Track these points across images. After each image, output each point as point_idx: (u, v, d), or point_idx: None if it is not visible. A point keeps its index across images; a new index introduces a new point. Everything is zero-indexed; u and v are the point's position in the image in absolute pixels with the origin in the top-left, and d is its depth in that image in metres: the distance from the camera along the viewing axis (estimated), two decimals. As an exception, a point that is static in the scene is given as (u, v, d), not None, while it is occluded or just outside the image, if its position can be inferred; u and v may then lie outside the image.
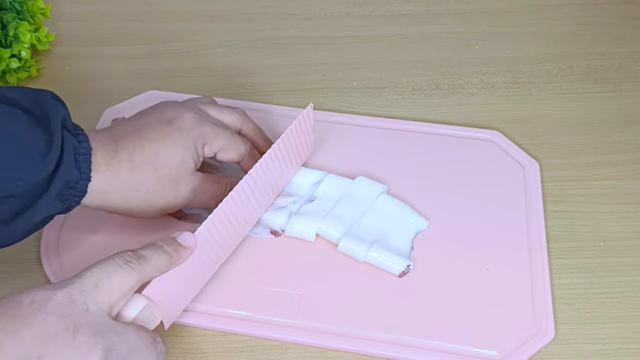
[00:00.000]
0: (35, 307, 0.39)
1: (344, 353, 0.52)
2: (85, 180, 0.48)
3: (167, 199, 0.53)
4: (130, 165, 0.50)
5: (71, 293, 0.41)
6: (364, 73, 0.75)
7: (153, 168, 0.51)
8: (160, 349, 0.43)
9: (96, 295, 0.41)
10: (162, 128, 0.53)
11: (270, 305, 0.54)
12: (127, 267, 0.43)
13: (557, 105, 0.72)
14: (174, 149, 0.52)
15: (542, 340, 0.52)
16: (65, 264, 0.56)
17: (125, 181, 0.50)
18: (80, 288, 0.41)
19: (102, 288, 0.42)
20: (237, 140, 0.56)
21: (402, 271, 0.55)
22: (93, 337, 0.39)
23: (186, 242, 0.47)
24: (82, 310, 0.40)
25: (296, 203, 0.59)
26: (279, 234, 0.58)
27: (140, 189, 0.51)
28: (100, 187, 0.49)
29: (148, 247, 0.46)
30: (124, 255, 0.44)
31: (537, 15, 0.83)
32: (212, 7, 0.84)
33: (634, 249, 0.59)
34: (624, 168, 0.65)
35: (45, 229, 0.58)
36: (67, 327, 0.39)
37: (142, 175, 0.51)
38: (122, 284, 0.43)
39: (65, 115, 0.49)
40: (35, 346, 0.38)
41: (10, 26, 0.71)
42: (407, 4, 0.84)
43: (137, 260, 0.44)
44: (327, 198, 0.59)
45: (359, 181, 0.61)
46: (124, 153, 0.51)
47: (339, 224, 0.57)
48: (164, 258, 0.46)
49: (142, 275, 0.44)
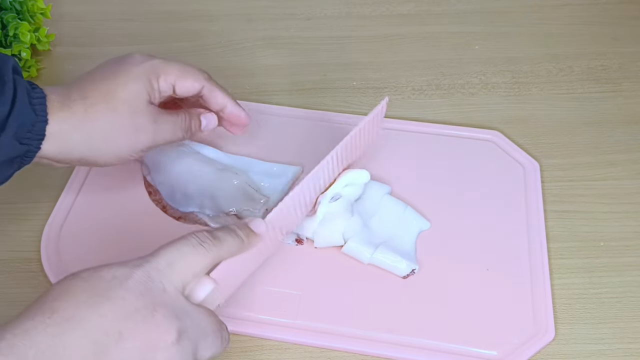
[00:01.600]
0: (116, 283, 0.39)
1: (344, 353, 0.52)
2: (42, 122, 0.48)
3: (127, 133, 0.51)
4: (84, 103, 0.50)
5: (149, 272, 0.41)
6: (364, 73, 0.75)
7: (106, 102, 0.51)
8: (225, 336, 0.44)
9: (171, 275, 0.42)
10: (112, 67, 0.53)
11: (271, 305, 0.54)
12: (201, 248, 0.43)
13: (557, 105, 0.72)
14: (125, 82, 0.52)
15: (542, 340, 0.52)
16: (66, 264, 0.56)
17: (81, 120, 0.50)
18: (156, 267, 0.41)
19: (176, 268, 0.42)
20: (192, 67, 0.55)
21: (407, 273, 0.55)
22: (170, 317, 0.40)
23: (258, 228, 0.48)
24: (160, 290, 0.41)
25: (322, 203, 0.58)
26: (303, 242, 0.57)
27: (98, 127, 0.50)
28: (57, 128, 0.49)
29: (222, 230, 0.46)
30: (200, 236, 0.44)
31: (537, 15, 0.83)
32: (212, 7, 0.84)
33: (634, 249, 0.59)
34: (624, 168, 0.65)
35: (46, 229, 0.58)
36: (146, 305, 0.39)
37: (97, 111, 0.50)
38: (196, 264, 0.43)
39: (15, 64, 0.49)
40: (116, 321, 0.38)
41: (11, 26, 0.71)
42: (407, 4, 0.84)
43: (212, 241, 0.44)
44: (350, 198, 0.58)
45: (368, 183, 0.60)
46: (77, 94, 0.50)
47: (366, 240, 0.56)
48: (237, 242, 0.46)
49: (214, 256, 0.44)
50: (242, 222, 0.48)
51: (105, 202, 0.61)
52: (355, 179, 0.58)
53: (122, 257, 0.56)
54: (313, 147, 0.65)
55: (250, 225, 0.48)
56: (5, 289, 0.55)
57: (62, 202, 0.61)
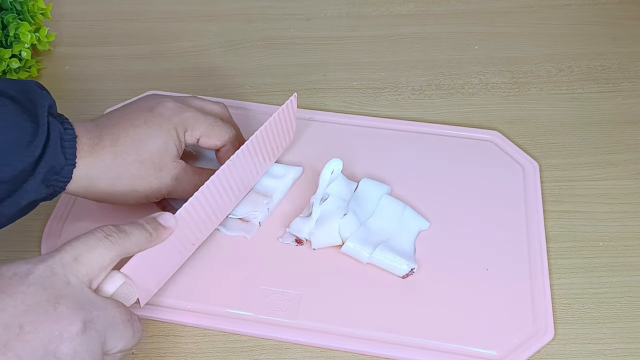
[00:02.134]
0: (16, 280, 0.40)
1: (344, 353, 0.52)
2: (70, 165, 0.49)
3: (150, 184, 0.53)
4: (114, 151, 0.51)
5: (52, 266, 0.41)
6: (363, 73, 0.75)
7: (136, 153, 0.52)
8: (137, 327, 0.44)
9: (77, 269, 0.42)
10: (143, 115, 0.53)
11: (270, 305, 0.54)
12: (106, 240, 0.44)
13: (556, 105, 0.72)
14: (156, 134, 0.53)
15: (541, 340, 0.52)
16: (66, 264, 0.56)
17: (109, 166, 0.51)
18: (60, 261, 0.42)
19: (82, 262, 0.42)
20: (219, 126, 0.56)
21: (406, 273, 0.55)
22: (74, 309, 0.40)
23: (167, 222, 0.49)
24: (63, 282, 0.41)
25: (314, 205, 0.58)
26: (303, 242, 0.58)
27: (124, 175, 0.52)
28: (84, 172, 0.50)
29: (129, 224, 0.46)
30: (105, 229, 0.45)
31: (537, 16, 0.83)
32: (212, 7, 0.84)
33: (634, 249, 0.59)
34: (624, 168, 0.66)
35: (46, 229, 0.58)
36: (48, 298, 0.40)
37: (125, 160, 0.52)
38: (102, 257, 0.43)
39: (51, 103, 0.50)
40: (16, 316, 0.38)
41: (11, 26, 0.71)
42: (407, 4, 0.84)
43: (118, 234, 0.45)
44: (340, 196, 0.59)
45: (365, 182, 0.61)
46: (108, 139, 0.51)
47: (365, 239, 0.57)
48: (144, 235, 0.46)
49: (121, 249, 0.45)
50: (151, 217, 0.48)
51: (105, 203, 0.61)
52: (332, 172, 0.58)
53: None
54: (313, 147, 0.65)
55: (158, 220, 0.48)
56: (5, 288, 0.56)
57: (63, 202, 0.61)
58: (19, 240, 0.59)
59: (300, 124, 0.68)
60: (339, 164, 0.58)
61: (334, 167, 0.58)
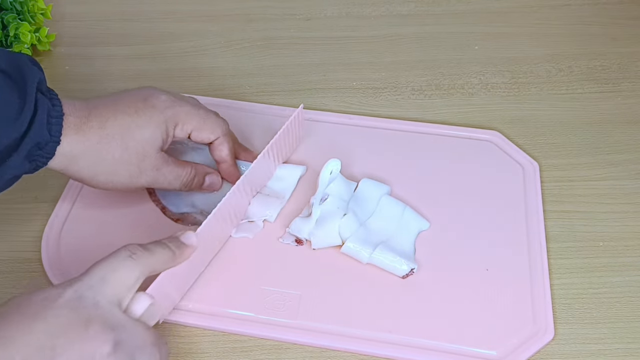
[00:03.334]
0: (46, 304, 0.40)
1: (344, 353, 0.52)
2: (55, 142, 0.49)
3: (131, 172, 0.53)
4: (100, 133, 0.51)
5: (79, 289, 0.42)
6: (363, 73, 0.75)
7: (122, 139, 0.52)
8: (164, 350, 0.44)
9: (104, 290, 0.42)
10: (136, 104, 0.53)
11: (270, 305, 0.54)
12: (130, 260, 0.44)
13: (556, 106, 0.72)
14: (145, 124, 0.53)
15: (541, 340, 0.52)
16: (66, 264, 0.56)
17: (93, 147, 0.51)
18: (87, 283, 0.42)
19: (108, 282, 0.43)
20: (211, 119, 0.56)
21: (406, 273, 0.55)
22: (104, 330, 0.40)
23: (189, 240, 0.49)
24: (92, 304, 0.41)
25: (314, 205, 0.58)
26: (303, 242, 0.57)
27: (106, 158, 0.52)
28: (68, 150, 0.50)
29: (153, 243, 0.47)
30: (130, 248, 0.45)
31: (537, 16, 0.83)
32: (212, 7, 0.84)
33: (634, 249, 0.59)
34: (624, 168, 0.66)
35: (46, 229, 0.58)
36: (79, 320, 0.40)
37: (110, 144, 0.51)
38: (127, 276, 0.44)
39: (41, 78, 0.50)
40: (48, 338, 0.39)
41: (11, 26, 0.71)
42: (407, 4, 0.84)
43: (142, 253, 0.45)
44: (339, 196, 0.59)
45: (364, 183, 0.61)
46: (96, 120, 0.51)
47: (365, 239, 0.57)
48: (168, 254, 0.47)
49: (145, 268, 0.45)
50: (173, 236, 0.49)
51: (105, 203, 0.61)
52: (330, 173, 0.58)
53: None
54: (313, 147, 0.65)
55: (181, 238, 0.48)
56: (5, 289, 0.56)
57: (63, 202, 0.61)
58: (19, 240, 0.59)
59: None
60: (337, 164, 0.58)
61: (333, 168, 0.58)
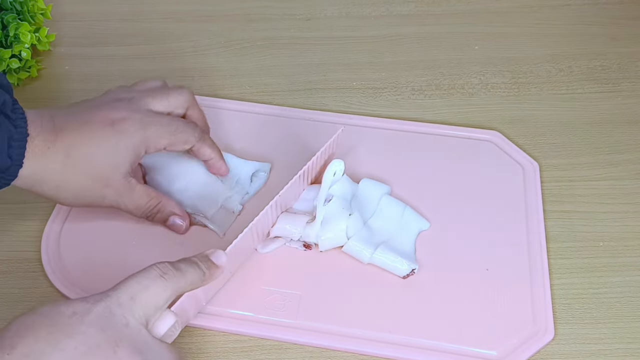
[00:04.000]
0: (76, 319, 0.39)
1: (344, 353, 0.52)
2: (17, 166, 0.49)
3: (94, 197, 0.53)
4: (65, 161, 0.51)
5: (110, 306, 0.41)
6: (363, 73, 0.75)
7: (86, 168, 0.52)
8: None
9: (134, 309, 0.41)
10: (104, 129, 0.52)
11: (270, 305, 0.54)
12: (162, 280, 0.43)
13: (556, 106, 0.72)
14: (111, 152, 0.52)
15: (541, 340, 0.52)
16: (66, 264, 0.56)
17: (57, 174, 0.51)
18: (117, 301, 0.41)
19: (138, 301, 0.42)
20: (181, 131, 0.55)
21: (407, 273, 0.55)
22: (132, 353, 0.40)
23: (219, 260, 0.48)
24: (122, 324, 0.40)
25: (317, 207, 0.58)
26: (312, 247, 0.57)
27: (70, 182, 0.52)
28: (31, 174, 0.50)
29: (184, 261, 0.46)
30: (161, 267, 0.44)
31: (537, 16, 0.83)
32: (212, 7, 0.84)
33: (634, 249, 0.59)
34: (624, 168, 0.66)
35: (46, 229, 0.58)
36: (107, 341, 0.39)
37: (74, 172, 0.51)
38: (157, 297, 0.43)
39: (6, 100, 0.49)
40: (76, 357, 0.38)
41: (11, 26, 0.71)
42: (407, 4, 0.84)
43: (173, 273, 0.44)
44: (343, 196, 0.58)
45: (365, 183, 0.61)
46: (61, 147, 0.51)
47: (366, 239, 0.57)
48: (198, 274, 0.46)
49: (176, 288, 0.44)
50: (203, 254, 0.48)
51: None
52: (334, 175, 0.58)
53: (123, 257, 0.56)
54: (313, 148, 0.65)
55: (211, 258, 0.48)
56: (5, 289, 0.56)
57: (63, 202, 0.61)
58: (19, 240, 0.59)
59: (300, 124, 0.68)
60: (341, 165, 0.58)
61: (336, 169, 0.58)
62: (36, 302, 0.54)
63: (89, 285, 0.54)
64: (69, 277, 0.55)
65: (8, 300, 0.55)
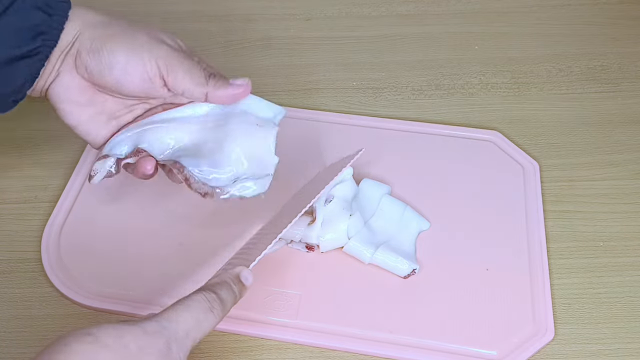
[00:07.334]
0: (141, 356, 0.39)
1: (344, 353, 0.52)
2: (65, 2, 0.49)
3: (146, 67, 0.51)
4: (107, 23, 0.51)
5: (169, 343, 0.41)
6: (363, 73, 0.75)
7: (141, 29, 0.52)
8: None
9: (187, 345, 0.42)
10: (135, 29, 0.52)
11: (271, 305, 0.54)
12: (211, 314, 0.44)
13: (556, 105, 0.72)
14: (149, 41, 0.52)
15: (541, 340, 0.52)
16: (66, 264, 0.56)
17: (116, 21, 0.51)
18: (175, 336, 0.41)
19: (191, 336, 0.42)
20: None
21: (408, 273, 0.55)
22: None
23: (248, 281, 0.47)
24: None
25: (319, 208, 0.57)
26: (314, 248, 0.57)
27: (130, 36, 0.51)
28: (87, 19, 0.50)
29: (223, 289, 0.45)
30: (210, 299, 0.44)
31: (537, 16, 0.83)
32: (212, 7, 0.84)
33: (634, 249, 0.59)
34: (624, 168, 0.66)
35: (46, 229, 0.58)
36: None
37: (133, 26, 0.51)
38: (207, 331, 0.44)
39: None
40: None
41: (11, 26, 0.71)
42: (407, 4, 0.84)
43: (220, 307, 0.44)
44: (344, 197, 0.58)
45: (365, 183, 0.61)
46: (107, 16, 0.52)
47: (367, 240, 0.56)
48: (233, 299, 0.46)
49: (220, 320, 0.45)
50: (234, 275, 0.47)
51: (105, 203, 0.61)
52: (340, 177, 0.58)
53: (122, 257, 0.56)
54: (313, 148, 0.65)
55: (242, 279, 0.47)
56: (5, 289, 0.55)
57: (63, 202, 0.61)
58: (19, 240, 0.59)
59: (300, 124, 0.68)
60: (349, 171, 0.58)
61: (345, 175, 0.58)
62: (36, 302, 0.54)
63: (89, 285, 0.54)
64: (69, 277, 0.55)
65: (8, 300, 0.55)
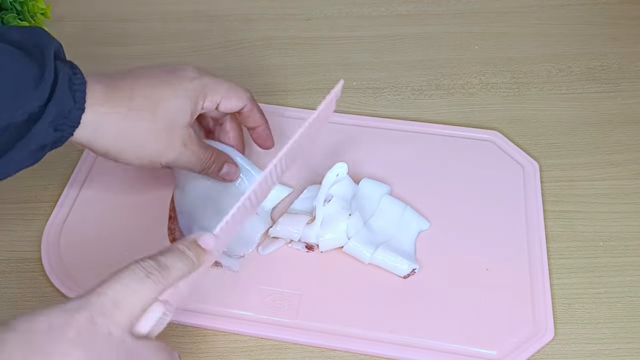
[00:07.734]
0: (55, 335, 0.36)
1: (344, 353, 0.52)
2: (79, 110, 0.47)
3: (159, 146, 0.51)
4: (129, 105, 0.50)
5: (92, 316, 0.37)
6: (363, 73, 0.75)
7: (151, 110, 0.50)
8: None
9: (117, 317, 0.38)
10: (164, 75, 0.52)
11: (271, 305, 0.54)
12: (148, 280, 0.39)
13: (556, 105, 0.72)
14: (173, 95, 0.51)
15: (541, 340, 0.52)
16: (66, 264, 0.56)
17: (121, 119, 0.49)
18: (100, 309, 0.38)
19: (123, 308, 0.38)
20: (238, 87, 0.56)
21: (408, 273, 0.55)
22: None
23: (208, 245, 0.44)
24: (104, 335, 0.37)
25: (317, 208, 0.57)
26: (314, 248, 0.57)
27: (134, 130, 0.50)
28: (94, 120, 0.48)
29: (169, 254, 0.42)
30: (145, 266, 0.40)
31: (537, 16, 0.83)
32: (212, 7, 0.84)
33: (634, 249, 0.59)
34: (624, 168, 0.66)
35: (46, 229, 0.58)
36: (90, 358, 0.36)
37: (139, 115, 0.50)
38: (144, 299, 0.40)
39: (58, 47, 0.48)
40: None
41: (11, 26, 0.71)
42: (407, 4, 0.84)
43: (160, 272, 0.40)
44: (343, 197, 0.58)
45: (365, 183, 0.61)
46: (124, 92, 0.50)
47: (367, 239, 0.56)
48: (187, 265, 0.42)
49: (163, 286, 0.40)
50: (190, 240, 0.43)
51: (105, 203, 0.61)
52: (336, 176, 0.57)
53: (122, 257, 0.56)
54: (313, 148, 0.65)
55: (199, 242, 0.43)
56: (5, 289, 0.56)
57: (63, 202, 0.61)
58: (19, 240, 0.59)
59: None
60: (344, 167, 0.58)
61: (339, 171, 0.57)
62: (36, 302, 0.54)
63: (89, 285, 0.54)
64: (69, 277, 0.55)
65: (8, 300, 0.55)
